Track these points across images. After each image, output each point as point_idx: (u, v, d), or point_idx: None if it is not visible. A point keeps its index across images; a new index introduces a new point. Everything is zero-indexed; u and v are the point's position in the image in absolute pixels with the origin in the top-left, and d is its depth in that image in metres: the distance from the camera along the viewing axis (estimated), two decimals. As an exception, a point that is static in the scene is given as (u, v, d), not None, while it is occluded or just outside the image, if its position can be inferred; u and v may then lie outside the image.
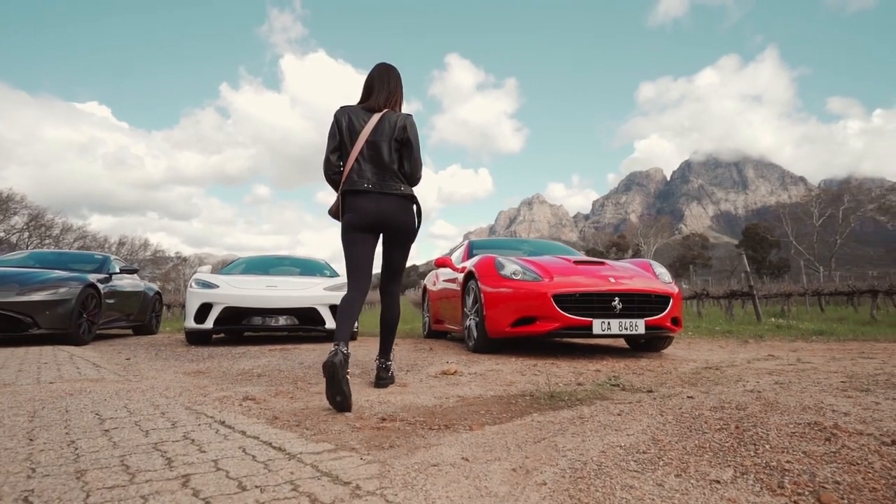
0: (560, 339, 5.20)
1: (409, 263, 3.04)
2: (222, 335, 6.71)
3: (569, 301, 3.94)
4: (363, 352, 4.76)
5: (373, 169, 2.74)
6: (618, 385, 2.93)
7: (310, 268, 7.13)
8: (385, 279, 2.97)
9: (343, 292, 5.82)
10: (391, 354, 3.01)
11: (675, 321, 4.23)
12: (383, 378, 2.90)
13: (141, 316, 7.78)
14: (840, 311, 15.04)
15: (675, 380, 3.10)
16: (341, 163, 2.80)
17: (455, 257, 6.22)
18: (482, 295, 4.32)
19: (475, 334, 4.50)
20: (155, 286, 8.72)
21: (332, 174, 2.82)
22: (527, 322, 4.06)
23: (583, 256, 5.11)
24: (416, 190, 2.92)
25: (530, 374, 3.34)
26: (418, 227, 2.92)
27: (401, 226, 2.80)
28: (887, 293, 9.71)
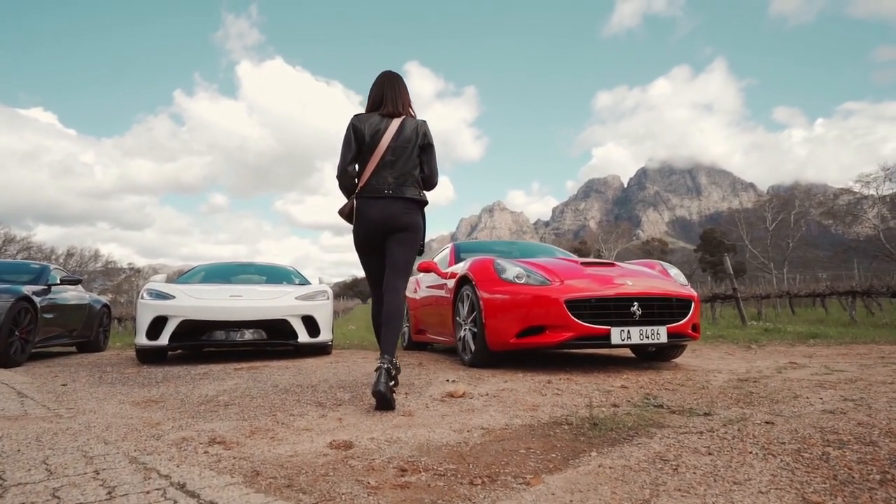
0: (561, 350, 4.72)
1: None
2: (179, 352, 5.99)
3: (583, 307, 3.49)
4: (343, 368, 4.18)
5: (394, 174, 2.74)
6: (661, 406, 2.49)
7: (277, 275, 6.47)
8: (388, 276, 2.79)
9: (315, 301, 5.29)
10: (395, 360, 2.59)
11: (695, 328, 3.85)
12: (384, 383, 2.40)
13: (86, 331, 6.92)
14: (810, 312, 15.26)
15: (721, 397, 2.67)
16: (356, 172, 2.81)
17: (439, 261, 5.71)
18: (481, 302, 3.82)
19: (472, 346, 4.00)
20: (102, 298, 7.86)
21: (349, 184, 2.80)
22: (535, 332, 3.58)
23: (589, 258, 4.69)
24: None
25: (550, 393, 2.86)
26: (423, 232, 2.91)
27: (404, 225, 2.77)
28: (864, 294, 9.74)
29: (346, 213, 2.87)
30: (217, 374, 3.93)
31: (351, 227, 2.90)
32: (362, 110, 2.92)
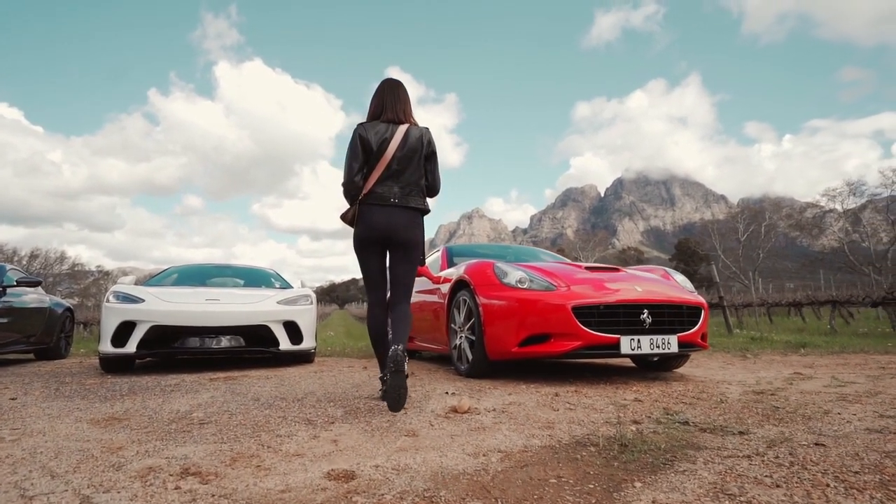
0: (561, 360, 4.45)
1: (347, 277, 3.01)
2: (148, 359, 5.57)
3: (592, 314, 3.26)
4: (329, 379, 3.88)
5: (399, 184, 2.74)
6: (687, 423, 2.27)
7: (257, 278, 6.10)
8: (393, 294, 2.84)
9: (298, 306, 4.95)
10: (406, 354, 2.55)
11: (703, 337, 3.66)
12: (402, 350, 2.45)
13: (45, 337, 6.43)
14: (786, 321, 15.42)
15: (746, 412, 2.47)
16: (362, 182, 2.77)
17: (429, 265, 5.44)
18: (480, 308, 3.57)
19: (469, 356, 3.74)
20: (65, 302, 7.34)
21: (355, 193, 2.77)
22: (539, 340, 3.34)
23: (592, 263, 4.49)
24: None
25: (562, 408, 2.62)
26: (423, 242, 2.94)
27: (408, 240, 2.79)
28: (844, 304, 9.80)
29: (348, 219, 2.86)
30: (190, 385, 3.58)
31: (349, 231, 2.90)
32: (342, 114, 2.89)
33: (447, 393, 3.04)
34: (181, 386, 3.52)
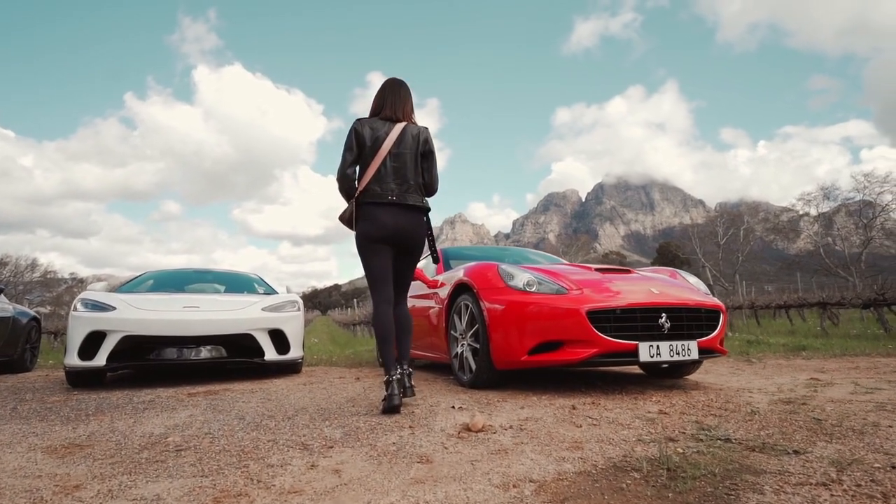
0: (568, 368, 4.18)
1: (330, 283, 2.96)
2: (121, 372, 5.18)
3: (607, 319, 3.02)
4: (321, 392, 3.57)
5: (396, 180, 2.74)
6: (729, 440, 2.03)
7: (239, 283, 5.74)
8: (396, 294, 2.90)
9: (284, 313, 4.62)
10: (411, 373, 2.82)
11: (722, 342, 3.44)
12: (398, 395, 2.63)
13: (8, 349, 5.98)
14: (772, 324, 15.45)
15: (786, 426, 2.24)
16: (356, 175, 2.81)
17: (423, 268, 5.15)
18: (485, 313, 3.30)
19: (473, 365, 3.46)
20: (31, 311, 6.88)
21: (349, 188, 2.77)
22: (550, 348, 3.09)
23: (601, 264, 4.25)
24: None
25: (585, 424, 2.36)
26: (430, 239, 3.00)
27: (416, 242, 2.85)
28: (834, 306, 9.78)
29: (346, 219, 2.82)
30: (166, 401, 3.24)
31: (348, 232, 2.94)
32: (324, 119, 2.77)
33: (454, 407, 2.76)
34: (156, 403, 3.18)
